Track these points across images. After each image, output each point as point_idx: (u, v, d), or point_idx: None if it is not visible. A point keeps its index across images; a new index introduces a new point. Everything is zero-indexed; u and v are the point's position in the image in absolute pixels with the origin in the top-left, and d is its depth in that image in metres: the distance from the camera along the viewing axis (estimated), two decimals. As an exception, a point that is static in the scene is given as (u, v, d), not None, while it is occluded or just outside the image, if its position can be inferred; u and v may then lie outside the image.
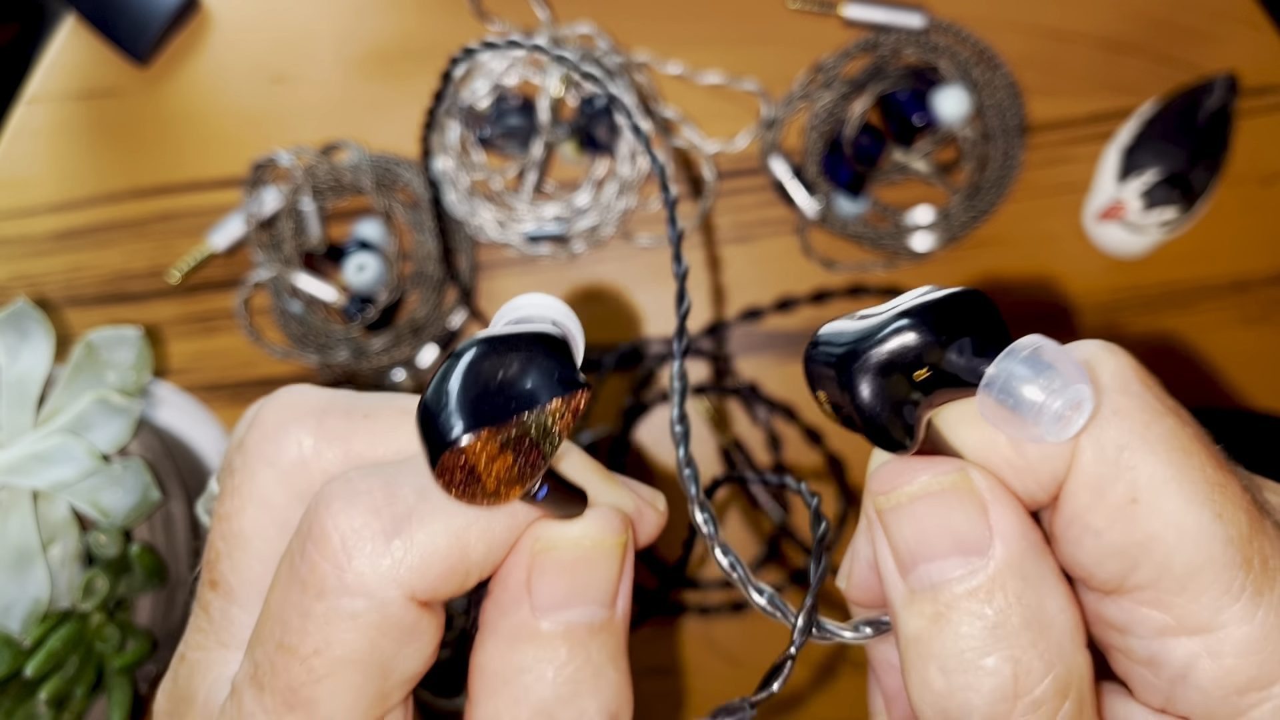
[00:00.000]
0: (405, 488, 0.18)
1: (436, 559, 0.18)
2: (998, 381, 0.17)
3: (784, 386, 0.49)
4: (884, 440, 0.18)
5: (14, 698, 0.37)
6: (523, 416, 0.17)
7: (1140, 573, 0.17)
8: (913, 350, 0.17)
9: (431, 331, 0.49)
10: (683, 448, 0.21)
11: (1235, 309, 0.50)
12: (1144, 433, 0.17)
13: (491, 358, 0.17)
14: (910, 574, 0.18)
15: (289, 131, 0.50)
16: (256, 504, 0.20)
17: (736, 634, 0.48)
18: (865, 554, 0.22)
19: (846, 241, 0.50)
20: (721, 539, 0.20)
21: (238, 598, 0.20)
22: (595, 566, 0.20)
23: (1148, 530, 0.17)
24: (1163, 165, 0.46)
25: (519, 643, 0.19)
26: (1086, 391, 0.17)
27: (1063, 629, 0.17)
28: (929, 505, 0.18)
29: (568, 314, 0.19)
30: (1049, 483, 0.18)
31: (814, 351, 0.19)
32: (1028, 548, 0.18)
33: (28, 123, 0.51)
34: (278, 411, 0.21)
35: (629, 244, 0.50)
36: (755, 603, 0.20)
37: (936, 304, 0.18)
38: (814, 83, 0.50)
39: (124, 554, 0.40)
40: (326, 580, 0.18)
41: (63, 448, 0.38)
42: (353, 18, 0.51)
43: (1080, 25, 0.51)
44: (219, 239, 0.49)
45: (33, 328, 0.41)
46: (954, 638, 0.17)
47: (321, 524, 0.18)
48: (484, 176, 0.50)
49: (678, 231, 0.22)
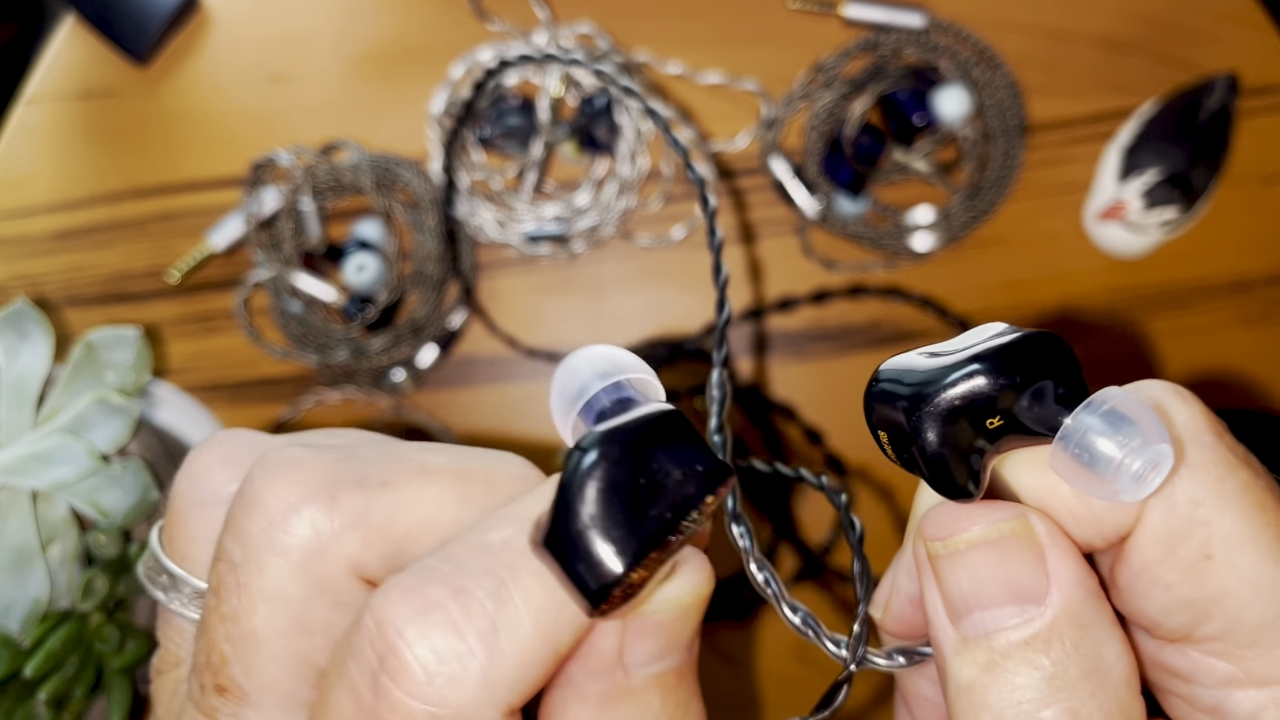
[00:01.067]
0: (478, 591, 0.16)
1: (531, 667, 0.16)
2: (1075, 435, 0.16)
3: (784, 386, 0.49)
4: (948, 488, 0.17)
5: (13, 698, 0.37)
6: (683, 524, 0.15)
7: (1210, 625, 0.17)
8: (986, 397, 0.17)
9: (431, 331, 0.49)
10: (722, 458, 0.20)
11: (1236, 309, 0.50)
12: (1219, 488, 0.17)
13: (625, 461, 0.15)
14: (963, 621, 0.17)
15: (288, 131, 0.50)
16: (269, 601, 0.18)
17: (737, 634, 0.48)
18: (906, 589, 0.22)
19: (847, 241, 0.49)
20: (757, 553, 0.19)
21: (254, 702, 0.18)
22: (690, 618, 0.19)
23: (1221, 586, 0.17)
24: (1163, 165, 0.46)
25: (613, 704, 0.18)
26: (1167, 451, 0.16)
27: (1120, 678, 0.17)
28: (986, 553, 0.17)
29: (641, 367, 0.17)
30: (1111, 534, 0.18)
31: (877, 389, 0.18)
32: (1085, 595, 0.17)
33: (27, 122, 0.51)
34: (280, 491, 0.18)
35: (629, 244, 0.50)
36: (789, 621, 0.19)
37: (1011, 347, 0.17)
38: (814, 82, 0.50)
39: (123, 554, 0.40)
40: (415, 717, 0.16)
41: (62, 448, 0.38)
42: (352, 17, 0.51)
43: (1081, 25, 0.51)
44: (218, 239, 0.49)
45: (32, 328, 0.41)
46: (1009, 689, 0.17)
47: (398, 654, 0.16)
48: (484, 176, 0.49)
49: (718, 240, 0.21)
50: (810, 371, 0.49)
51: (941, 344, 0.18)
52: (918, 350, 0.18)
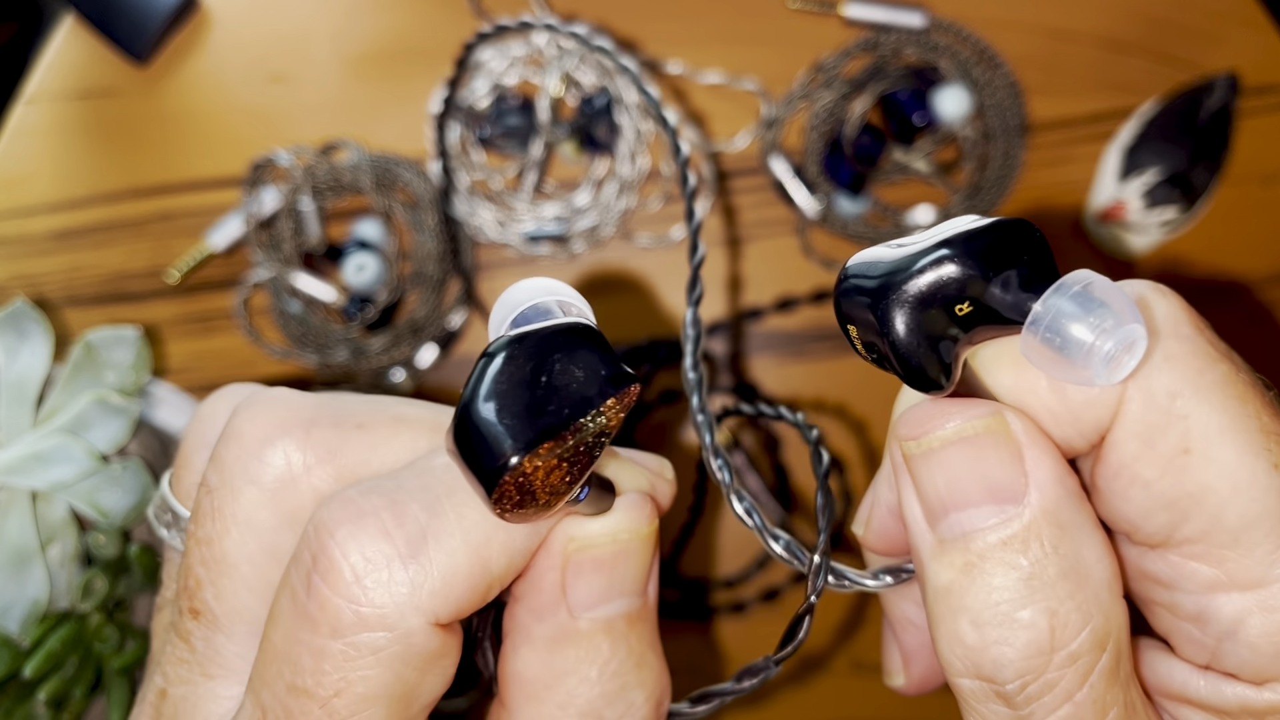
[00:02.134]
0: (413, 504, 0.17)
1: (459, 579, 0.17)
2: (1045, 319, 0.16)
3: (784, 386, 0.49)
4: (918, 379, 0.17)
5: (13, 698, 0.37)
6: (580, 423, 0.15)
7: (1190, 525, 0.16)
8: (954, 283, 0.16)
9: (431, 331, 0.49)
10: (696, 395, 0.20)
11: (1236, 309, 0.50)
12: (1197, 379, 0.16)
13: (531, 361, 0.15)
14: (940, 523, 0.17)
15: (288, 131, 0.50)
16: (241, 526, 0.18)
17: (736, 634, 0.48)
18: (887, 500, 0.21)
19: (847, 241, 0.49)
20: (737, 486, 0.19)
21: (223, 626, 0.19)
22: (632, 558, 0.19)
23: (1200, 481, 0.16)
24: (1163, 165, 0.46)
25: (559, 646, 0.18)
26: (1140, 331, 0.15)
27: (1100, 579, 0.16)
28: (961, 451, 0.17)
29: (574, 295, 0.18)
30: (1091, 431, 0.17)
31: (844, 285, 0.17)
32: (1065, 495, 0.17)
33: (26, 122, 0.51)
34: (259, 423, 0.19)
35: (629, 244, 0.50)
36: (772, 550, 0.19)
37: (981, 233, 0.16)
38: (814, 82, 0.50)
39: (123, 554, 0.40)
40: (341, 616, 0.16)
41: (61, 448, 0.38)
42: (352, 17, 0.51)
43: (1081, 25, 0.51)
44: (218, 239, 0.49)
45: (31, 328, 0.41)
46: (987, 589, 0.16)
47: (328, 554, 0.16)
48: (484, 176, 0.49)
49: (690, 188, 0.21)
50: (810, 371, 0.49)
51: (909, 236, 0.17)
52: (885, 243, 0.18)
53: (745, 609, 0.47)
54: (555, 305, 0.17)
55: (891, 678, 0.25)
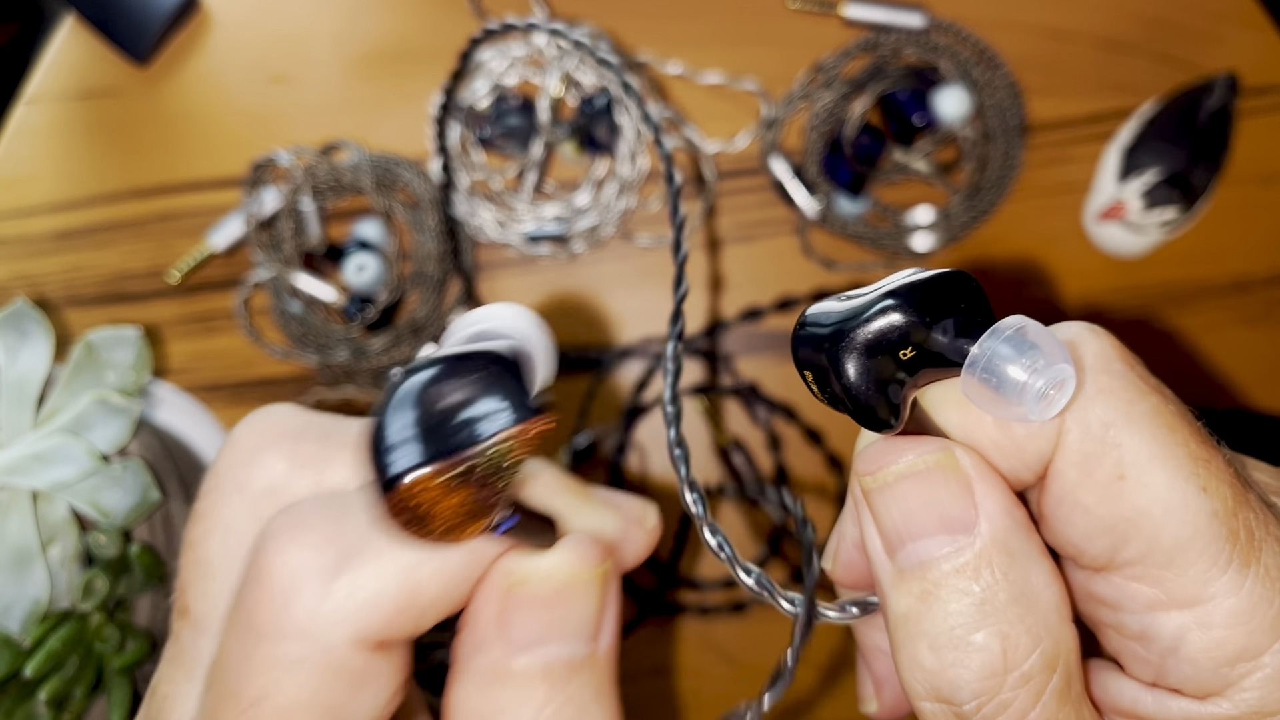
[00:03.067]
0: (353, 521, 0.17)
1: (385, 599, 0.17)
2: (981, 361, 0.17)
3: (784, 386, 0.49)
4: (869, 420, 0.18)
5: (13, 698, 0.37)
6: (470, 451, 0.15)
7: (1129, 548, 0.17)
8: (898, 330, 0.17)
9: (431, 331, 0.49)
10: (673, 429, 0.20)
11: (1236, 309, 0.50)
12: (1128, 410, 0.17)
13: (438, 383, 0.16)
14: (898, 553, 0.18)
15: (288, 131, 0.50)
16: (223, 531, 0.19)
17: (735, 634, 0.48)
18: (851, 535, 0.22)
19: (847, 241, 0.49)
20: (710, 519, 0.20)
21: (205, 628, 0.19)
22: (573, 600, 0.19)
23: (1135, 505, 0.17)
24: (1163, 165, 0.46)
25: (494, 683, 0.18)
26: (1069, 370, 0.17)
27: (1049, 603, 0.17)
28: (915, 484, 0.18)
29: (533, 325, 0.18)
30: (1035, 462, 0.18)
31: (801, 332, 0.19)
32: (1013, 524, 0.18)
33: (27, 123, 0.51)
34: (251, 434, 0.19)
35: (629, 244, 0.50)
36: (743, 583, 0.20)
37: (922, 284, 0.18)
38: (814, 83, 0.50)
39: (123, 554, 0.40)
40: (266, 623, 0.16)
41: (62, 448, 0.38)
42: (352, 17, 0.51)
43: (1080, 25, 0.51)
44: (219, 239, 0.49)
45: (32, 328, 0.41)
46: (943, 615, 0.17)
47: (262, 561, 0.17)
48: (484, 176, 0.49)
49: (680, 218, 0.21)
50: (810, 371, 0.49)
51: (858, 289, 0.19)
52: (835, 296, 0.19)
53: (745, 609, 0.47)
54: (510, 335, 0.18)
55: (865, 704, 0.26)
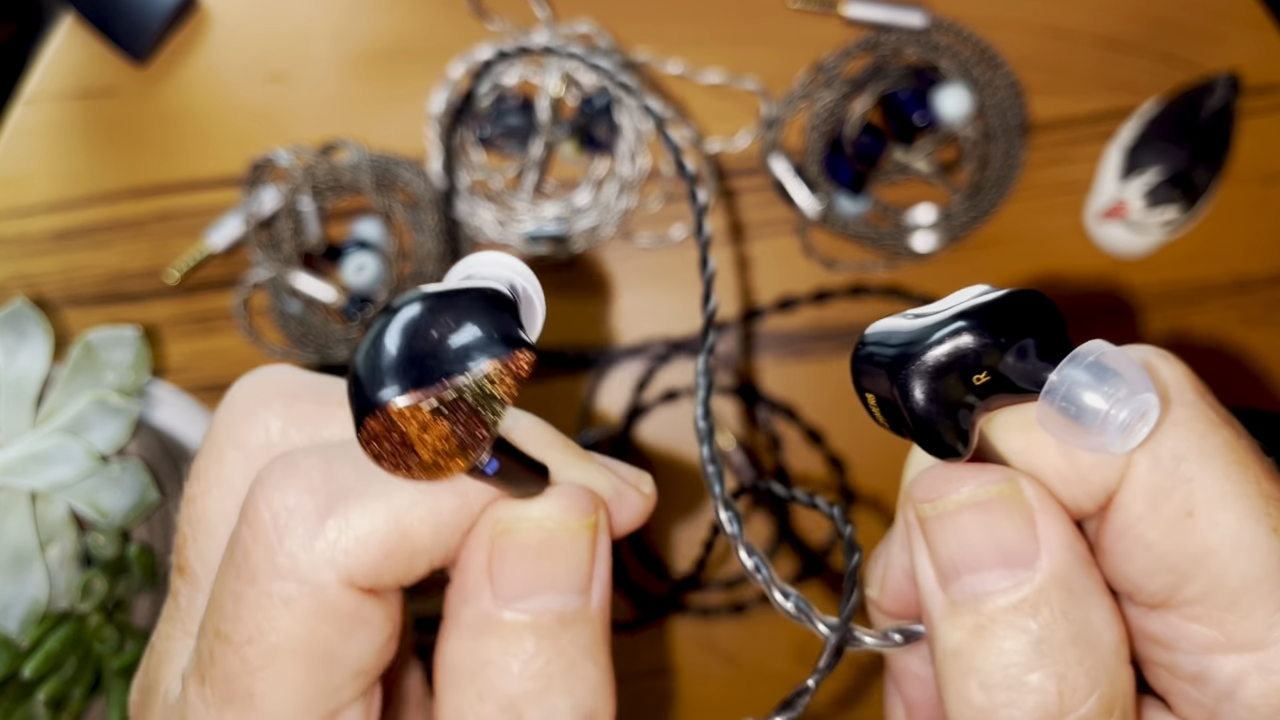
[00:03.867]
0: (345, 466, 0.17)
1: (374, 542, 0.17)
2: (1060, 389, 0.16)
3: (784, 387, 0.49)
4: (936, 447, 0.17)
5: (12, 699, 0.36)
6: (455, 378, 0.15)
7: (1191, 587, 0.17)
8: (972, 353, 0.17)
9: (431, 331, 0.49)
10: (706, 445, 0.20)
11: (1237, 309, 0.49)
12: (1201, 444, 0.17)
13: (428, 315, 0.16)
14: (952, 585, 0.17)
15: (288, 131, 0.50)
16: (221, 487, 0.19)
17: (736, 634, 0.48)
18: (900, 562, 0.21)
19: (847, 241, 0.49)
20: (746, 539, 0.19)
21: (202, 584, 0.19)
22: (562, 550, 0.18)
23: (1203, 544, 0.16)
24: (1165, 165, 0.46)
25: (482, 634, 0.18)
26: (1153, 400, 0.16)
27: (1108, 645, 0.17)
28: (975, 515, 0.17)
29: (527, 275, 0.18)
30: (1098, 493, 0.18)
31: (863, 351, 0.18)
32: (1075, 560, 0.17)
33: (25, 122, 0.51)
34: (248, 392, 0.20)
35: (629, 244, 0.50)
36: (781, 607, 0.19)
37: (996, 304, 0.17)
38: (814, 82, 0.50)
39: (122, 555, 0.40)
40: (258, 563, 0.17)
41: (61, 448, 0.38)
42: (351, 16, 0.51)
43: (1082, 24, 0.51)
44: (217, 239, 0.48)
45: (30, 328, 0.41)
46: (997, 652, 0.16)
47: (254, 503, 0.17)
48: (484, 176, 0.49)
49: (705, 237, 0.21)
50: (810, 371, 0.49)
51: (925, 306, 0.18)
52: (901, 314, 0.18)
53: (745, 609, 0.47)
54: (505, 279, 0.17)
55: None
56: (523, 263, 0.18)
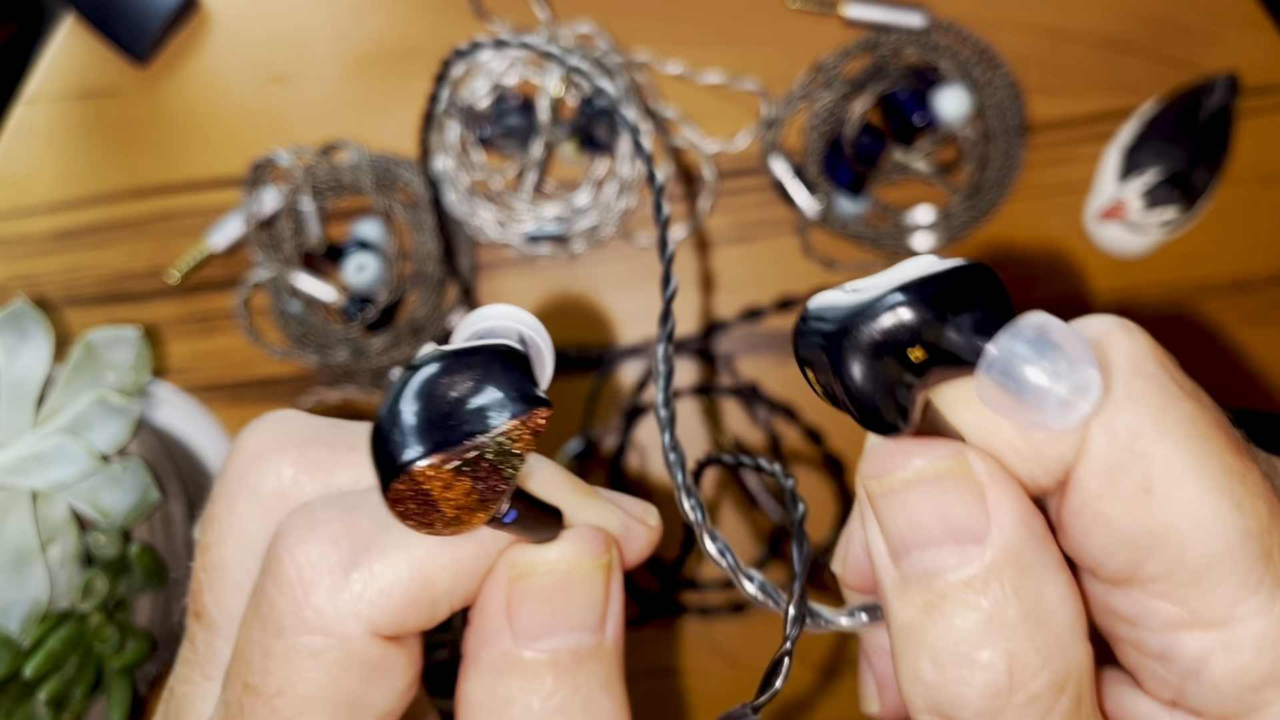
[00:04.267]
0: (365, 518, 0.18)
1: (398, 592, 0.17)
2: (998, 362, 0.16)
3: (784, 386, 0.49)
4: (875, 423, 0.17)
5: (13, 698, 0.37)
6: (477, 439, 0.16)
7: (1153, 564, 0.16)
8: (908, 329, 0.16)
9: (431, 331, 0.49)
10: (667, 433, 0.20)
11: (1236, 309, 0.50)
12: (1160, 418, 0.16)
13: (446, 375, 0.16)
14: (903, 561, 0.17)
15: (288, 131, 0.50)
16: (235, 535, 0.20)
17: (736, 634, 0.48)
18: (860, 538, 0.22)
19: (847, 241, 0.49)
20: (710, 526, 0.19)
21: (220, 630, 0.20)
22: (577, 590, 0.19)
23: (1163, 520, 0.16)
24: (1164, 165, 0.46)
25: (502, 674, 0.18)
26: (1094, 376, 0.15)
27: (1062, 621, 0.16)
28: (923, 491, 0.17)
29: (535, 326, 0.18)
30: (1056, 468, 0.17)
31: (803, 326, 0.17)
32: (1027, 536, 0.17)
33: (27, 122, 0.51)
34: (259, 439, 0.20)
35: (629, 244, 0.50)
36: (745, 590, 0.19)
37: (936, 278, 0.16)
38: (814, 82, 0.50)
39: (123, 554, 0.40)
40: (285, 617, 0.17)
41: (62, 448, 0.38)
42: (352, 17, 0.51)
43: (1081, 25, 0.51)
44: (218, 239, 0.49)
45: (32, 328, 0.41)
46: (947, 629, 0.16)
47: (278, 558, 0.17)
48: (484, 176, 0.49)
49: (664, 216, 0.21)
50: (810, 371, 0.49)
51: (866, 279, 0.17)
52: (841, 286, 0.18)
53: (744, 609, 0.47)
54: (514, 332, 0.18)
55: (866, 704, 0.25)
56: (529, 314, 0.18)
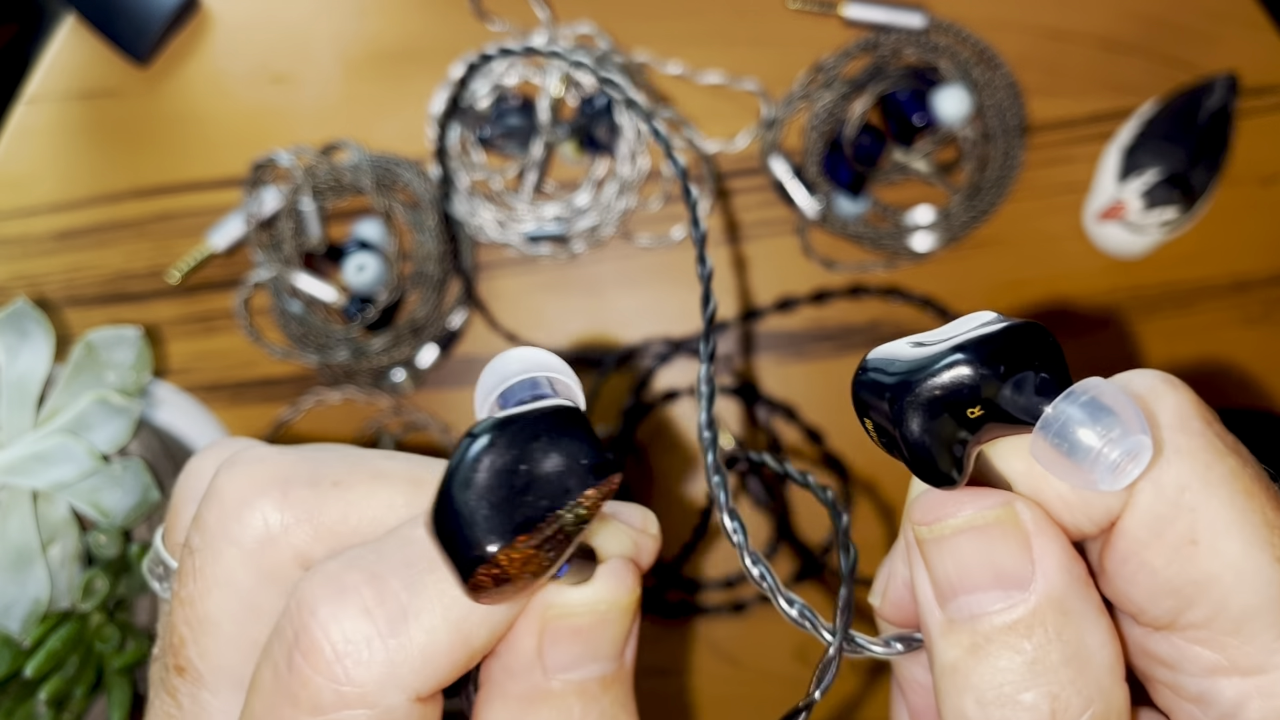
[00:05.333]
0: (394, 580, 0.17)
1: (439, 655, 0.17)
2: (1054, 425, 0.16)
3: (784, 386, 0.49)
4: (930, 475, 0.18)
5: (14, 698, 0.37)
6: (558, 513, 0.15)
7: (1194, 612, 0.17)
8: (967, 387, 0.17)
9: (431, 331, 0.49)
10: (711, 454, 0.20)
11: (1235, 309, 0.50)
12: (1205, 474, 0.17)
13: (511, 449, 0.16)
14: (949, 604, 0.18)
15: (289, 131, 0.50)
16: (222, 587, 0.19)
17: (737, 634, 0.48)
18: (902, 575, 0.22)
19: (846, 241, 0.50)
20: (752, 548, 0.20)
21: (208, 683, 0.19)
22: (611, 626, 0.19)
23: (1206, 571, 0.17)
24: (1163, 165, 0.46)
25: (531, 704, 0.18)
26: (1146, 442, 0.16)
27: (1102, 665, 0.17)
28: (971, 539, 0.18)
29: (564, 369, 0.18)
30: (1101, 518, 0.18)
31: (863, 377, 0.18)
32: (1070, 582, 0.17)
33: (27, 123, 0.51)
34: (237, 484, 0.19)
35: (629, 244, 0.50)
36: (786, 614, 0.20)
37: (995, 337, 0.17)
38: (814, 83, 0.50)
39: (124, 554, 0.40)
40: (322, 695, 0.16)
41: (62, 448, 0.38)
42: (353, 17, 0.51)
43: (1080, 25, 0.51)
44: (219, 239, 0.49)
45: (32, 328, 0.41)
46: (991, 671, 0.17)
47: (309, 633, 0.17)
48: (484, 176, 0.50)
49: (701, 233, 0.21)
50: (810, 371, 0.49)
51: (928, 333, 0.18)
52: (905, 339, 0.18)
53: (745, 609, 0.47)
54: (545, 381, 0.17)
55: None
56: (553, 355, 0.18)
